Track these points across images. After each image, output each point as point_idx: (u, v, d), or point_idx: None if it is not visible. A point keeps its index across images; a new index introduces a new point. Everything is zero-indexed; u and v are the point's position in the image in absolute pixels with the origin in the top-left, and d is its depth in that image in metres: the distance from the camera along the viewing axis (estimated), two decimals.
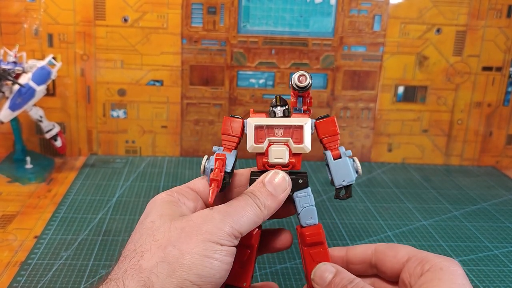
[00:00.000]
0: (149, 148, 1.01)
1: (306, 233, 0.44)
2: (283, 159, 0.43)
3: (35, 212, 0.76)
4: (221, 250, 0.38)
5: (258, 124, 0.43)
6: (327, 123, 0.44)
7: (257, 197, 0.41)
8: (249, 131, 0.44)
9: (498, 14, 0.99)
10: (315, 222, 0.44)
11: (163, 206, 0.41)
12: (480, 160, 1.06)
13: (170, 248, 0.37)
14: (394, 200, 0.86)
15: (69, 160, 0.96)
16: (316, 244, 0.44)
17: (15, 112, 0.83)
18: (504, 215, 0.83)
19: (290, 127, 0.43)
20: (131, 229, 0.72)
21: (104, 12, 0.93)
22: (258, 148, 0.43)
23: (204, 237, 0.38)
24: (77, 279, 0.60)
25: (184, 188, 0.45)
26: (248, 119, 0.44)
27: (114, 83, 0.96)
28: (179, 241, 0.38)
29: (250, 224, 0.40)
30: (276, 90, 0.99)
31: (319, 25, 0.96)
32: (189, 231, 0.38)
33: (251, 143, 0.43)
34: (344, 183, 0.44)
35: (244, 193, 0.42)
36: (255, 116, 0.44)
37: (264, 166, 0.44)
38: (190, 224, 0.39)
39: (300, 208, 0.44)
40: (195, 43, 0.96)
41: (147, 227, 0.40)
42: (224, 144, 0.44)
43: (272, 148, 0.43)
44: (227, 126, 0.44)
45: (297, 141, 0.43)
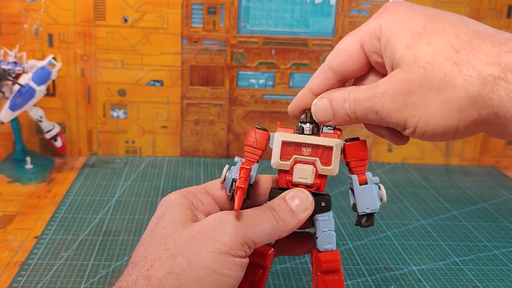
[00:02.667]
0: (149, 148, 1.01)
1: (322, 259, 0.42)
2: (308, 180, 0.41)
3: (35, 212, 0.76)
4: (232, 264, 0.36)
5: (286, 140, 0.41)
6: (357, 146, 0.42)
7: (276, 210, 0.40)
8: (275, 146, 0.41)
9: (498, 14, 0.99)
10: (333, 247, 0.42)
11: (176, 210, 0.40)
12: (480, 160, 1.06)
13: (179, 258, 0.36)
14: (394, 200, 0.86)
15: (69, 160, 0.96)
16: (331, 271, 0.42)
17: (15, 112, 0.83)
18: (504, 215, 0.83)
19: (319, 147, 0.41)
20: (131, 229, 0.72)
21: (104, 12, 0.93)
22: (283, 165, 0.41)
23: (215, 247, 0.36)
24: (77, 279, 0.60)
25: (201, 190, 0.43)
26: (276, 134, 0.42)
27: (114, 83, 0.96)
28: (189, 251, 0.36)
29: (265, 236, 0.38)
30: (276, 90, 0.99)
31: (319, 25, 0.96)
32: (200, 239, 0.37)
33: (276, 159, 0.41)
34: (367, 211, 0.42)
35: (263, 205, 0.40)
36: (283, 131, 0.42)
37: (286, 184, 0.42)
38: (201, 230, 0.37)
39: (319, 232, 0.42)
40: (195, 43, 0.96)
41: (159, 233, 0.38)
42: (247, 156, 0.42)
43: (297, 167, 0.41)
44: (252, 137, 0.42)
45: (325, 162, 0.41)
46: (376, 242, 0.72)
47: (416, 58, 0.36)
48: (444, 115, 0.35)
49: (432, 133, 0.36)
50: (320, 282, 0.43)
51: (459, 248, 0.72)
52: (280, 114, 1.00)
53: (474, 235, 0.76)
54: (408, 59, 0.36)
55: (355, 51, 0.40)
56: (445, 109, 0.35)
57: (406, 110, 0.36)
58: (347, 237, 0.72)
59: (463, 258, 0.69)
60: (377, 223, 0.77)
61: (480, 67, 0.33)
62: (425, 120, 0.36)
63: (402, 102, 0.36)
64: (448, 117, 0.35)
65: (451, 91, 0.34)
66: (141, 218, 0.75)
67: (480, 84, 0.33)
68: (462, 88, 0.34)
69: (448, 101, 0.34)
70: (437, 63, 0.35)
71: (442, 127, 0.35)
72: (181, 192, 0.42)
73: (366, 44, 0.40)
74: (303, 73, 0.99)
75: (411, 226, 0.77)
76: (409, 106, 0.36)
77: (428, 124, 0.36)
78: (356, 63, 0.41)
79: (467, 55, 0.34)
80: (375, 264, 0.66)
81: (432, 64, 0.35)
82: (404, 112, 0.36)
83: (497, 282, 0.64)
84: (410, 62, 0.36)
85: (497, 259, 0.69)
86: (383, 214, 0.80)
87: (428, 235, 0.75)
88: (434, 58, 0.35)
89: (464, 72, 0.34)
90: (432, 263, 0.67)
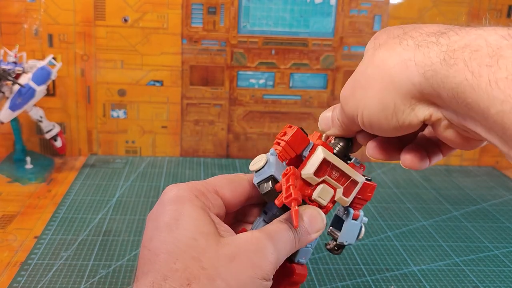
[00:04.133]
0: (149, 148, 1.01)
1: (296, 270, 0.43)
2: (325, 202, 0.42)
3: (35, 212, 0.76)
4: (264, 287, 0.36)
5: (328, 160, 0.41)
6: (368, 187, 0.44)
7: (296, 231, 0.40)
8: (315, 160, 0.41)
9: (498, 14, 0.99)
10: (304, 262, 0.44)
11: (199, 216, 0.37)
12: (480, 160, 1.06)
13: (218, 282, 0.35)
14: (394, 200, 0.86)
15: (69, 160, 0.96)
16: (298, 283, 0.44)
17: (15, 112, 0.83)
18: (504, 215, 0.83)
19: (348, 177, 0.42)
20: (131, 229, 0.72)
21: (104, 12, 0.93)
22: (313, 180, 0.41)
23: (254, 272, 0.36)
24: (77, 279, 0.60)
25: (210, 190, 0.41)
26: (320, 148, 0.41)
27: (114, 83, 0.96)
28: (229, 274, 0.35)
29: (285, 257, 0.39)
30: (276, 90, 0.99)
31: (319, 25, 0.96)
32: (239, 262, 0.36)
33: (310, 171, 0.41)
34: (345, 243, 0.45)
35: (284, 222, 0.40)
36: (325, 146, 0.42)
37: (303, 196, 0.42)
38: (239, 252, 0.36)
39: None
40: (195, 43, 0.96)
41: (189, 244, 0.35)
42: (282, 153, 0.41)
43: (322, 186, 0.42)
44: (296, 139, 0.41)
45: (346, 193, 0.43)
46: (377, 242, 0.72)
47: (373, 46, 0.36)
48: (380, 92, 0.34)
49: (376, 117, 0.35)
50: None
51: (460, 248, 0.71)
52: (280, 114, 1.00)
53: (475, 236, 0.75)
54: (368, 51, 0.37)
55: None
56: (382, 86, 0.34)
57: (356, 94, 0.36)
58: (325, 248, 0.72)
59: (464, 258, 0.69)
60: (378, 223, 0.77)
61: (420, 38, 0.33)
62: (366, 102, 0.35)
63: (353, 86, 0.36)
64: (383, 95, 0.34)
65: (388, 63, 0.33)
66: (141, 218, 0.75)
67: (414, 49, 0.32)
68: (396, 56, 0.33)
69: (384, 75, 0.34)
70: (386, 44, 0.35)
71: (380, 106, 0.34)
72: (191, 189, 0.39)
73: None
74: (303, 73, 0.99)
75: (411, 227, 0.77)
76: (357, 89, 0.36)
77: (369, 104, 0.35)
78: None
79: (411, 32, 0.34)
80: (376, 264, 0.66)
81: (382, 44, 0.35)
82: (354, 97, 0.36)
83: (498, 282, 0.64)
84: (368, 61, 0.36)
85: (498, 260, 0.69)
86: (384, 214, 0.80)
87: (429, 236, 0.75)
88: (385, 41, 0.35)
89: (404, 43, 0.33)
90: (433, 264, 0.67)
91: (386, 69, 0.33)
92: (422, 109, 0.33)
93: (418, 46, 0.32)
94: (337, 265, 0.65)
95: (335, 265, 0.65)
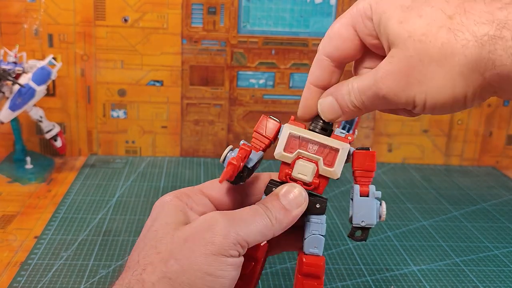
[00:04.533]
0: (149, 148, 1.01)
1: (305, 261, 0.41)
2: (307, 177, 0.40)
3: (35, 212, 0.76)
4: (225, 264, 0.36)
5: (294, 133, 0.41)
6: (366, 156, 0.41)
7: (269, 209, 0.39)
8: (282, 137, 0.41)
9: None
10: (319, 253, 0.41)
11: (169, 213, 0.39)
12: (480, 160, 1.06)
13: (171, 262, 0.36)
14: (394, 200, 0.86)
15: (69, 160, 0.96)
16: (312, 276, 0.41)
17: (15, 112, 0.83)
18: (504, 215, 0.83)
19: (325, 146, 0.40)
20: (131, 229, 0.72)
21: (104, 12, 0.93)
22: (286, 157, 0.41)
23: (207, 248, 0.36)
24: (77, 279, 0.60)
25: (196, 192, 0.42)
26: (286, 124, 0.41)
27: (114, 83, 0.96)
28: (181, 254, 0.36)
29: (258, 236, 0.38)
30: (276, 90, 0.99)
31: (319, 25, 0.96)
32: (191, 241, 0.36)
33: (280, 150, 0.41)
34: (362, 224, 0.41)
35: (256, 204, 0.40)
36: (294, 124, 0.41)
37: (285, 177, 0.41)
38: (192, 232, 0.37)
39: (308, 233, 0.41)
40: (195, 43, 0.96)
41: (151, 236, 0.38)
42: (254, 142, 0.42)
43: (298, 162, 0.40)
44: (262, 125, 0.42)
45: (328, 163, 0.40)
46: (377, 242, 0.72)
47: (410, 33, 0.34)
48: (450, 84, 0.34)
49: (442, 105, 0.35)
50: (299, 284, 0.42)
51: (460, 248, 0.72)
52: (280, 114, 1.00)
53: (475, 236, 0.75)
54: (402, 35, 0.35)
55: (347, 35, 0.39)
56: (450, 79, 0.34)
57: (412, 88, 0.35)
58: (347, 237, 0.72)
59: (464, 258, 0.69)
60: (378, 223, 0.77)
61: (475, 28, 0.32)
62: (432, 95, 0.35)
63: (405, 81, 0.35)
64: (454, 86, 0.34)
65: (451, 59, 0.33)
66: (141, 218, 0.75)
67: (477, 46, 0.32)
68: (461, 55, 0.33)
69: (451, 70, 0.33)
70: (432, 34, 0.34)
71: (450, 98, 0.34)
72: (175, 193, 0.41)
73: (359, 26, 0.38)
74: (303, 73, 0.99)
75: (411, 227, 0.77)
76: (413, 84, 0.35)
77: (436, 97, 0.35)
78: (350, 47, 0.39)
79: (461, 19, 0.33)
80: (376, 264, 0.66)
81: (427, 35, 0.34)
82: (410, 90, 0.35)
83: (498, 282, 0.64)
84: (405, 38, 0.35)
85: (498, 260, 0.69)
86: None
87: (429, 236, 0.75)
88: (428, 29, 0.34)
89: (460, 37, 0.33)
90: (433, 264, 0.67)
91: (453, 65, 0.33)
92: (487, 92, 0.34)
93: (482, 45, 0.32)
94: (337, 265, 0.65)
95: (335, 265, 0.65)
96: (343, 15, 0.39)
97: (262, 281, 0.61)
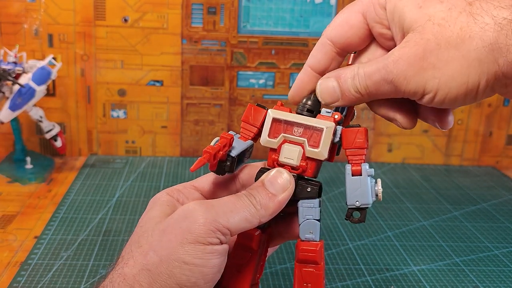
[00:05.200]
0: (149, 148, 1.01)
1: (300, 247, 0.40)
2: (294, 161, 0.39)
3: (35, 212, 0.76)
4: (203, 252, 0.35)
5: (277, 118, 0.40)
6: (355, 133, 0.39)
7: (252, 195, 0.38)
8: (266, 123, 0.40)
9: None
10: (316, 238, 0.40)
11: (156, 207, 0.39)
12: (480, 160, 1.06)
13: (150, 254, 0.36)
14: (394, 200, 0.86)
15: (69, 160, 0.96)
16: (309, 262, 0.40)
17: (15, 112, 0.83)
18: (504, 215, 0.83)
19: (310, 128, 0.39)
20: (131, 229, 0.72)
21: (104, 12, 0.93)
22: (271, 143, 0.40)
23: (183, 237, 0.35)
24: (77, 279, 0.60)
25: (188, 186, 0.42)
26: (269, 110, 0.40)
27: (114, 83, 0.96)
28: (159, 246, 0.36)
29: (242, 222, 0.37)
30: (276, 90, 0.99)
31: (319, 25, 0.96)
32: (169, 231, 0.36)
33: (264, 136, 0.40)
34: (357, 204, 0.39)
35: (241, 192, 0.39)
36: (278, 109, 0.40)
37: (273, 163, 0.40)
38: (170, 223, 0.37)
39: (302, 219, 0.40)
40: (195, 43, 0.96)
41: (136, 232, 0.38)
42: (242, 132, 0.41)
43: (284, 146, 0.40)
44: (249, 113, 0.41)
45: (314, 144, 0.39)
46: (377, 242, 0.72)
47: (430, 17, 0.34)
48: (465, 71, 0.33)
49: (454, 95, 0.34)
50: (297, 271, 0.40)
51: (460, 248, 0.71)
52: None
53: (475, 236, 0.75)
54: (421, 19, 0.34)
55: (356, 22, 0.38)
56: (465, 65, 0.33)
57: (425, 73, 0.34)
58: (347, 237, 0.72)
59: (464, 258, 0.69)
60: (378, 223, 0.77)
61: (495, 12, 0.32)
62: (445, 82, 0.34)
63: (419, 65, 0.34)
64: (469, 73, 0.33)
65: (469, 43, 0.33)
66: None
67: (496, 30, 0.32)
68: (478, 38, 0.32)
69: (467, 55, 0.33)
70: (452, 18, 0.33)
71: (464, 86, 0.33)
72: (167, 190, 0.41)
73: (369, 14, 0.38)
74: None
75: (411, 227, 0.77)
76: (427, 69, 0.34)
77: (450, 85, 0.34)
78: (357, 34, 0.39)
79: (480, 4, 0.33)
80: (376, 264, 0.66)
81: (447, 20, 0.33)
82: (422, 75, 0.34)
83: (498, 282, 0.64)
84: (424, 21, 0.34)
85: (498, 260, 0.69)
86: (384, 214, 0.80)
87: (429, 236, 0.75)
88: (448, 14, 0.33)
89: (480, 20, 0.32)
90: (433, 264, 0.67)
91: (470, 50, 0.33)
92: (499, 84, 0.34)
93: (500, 28, 0.32)
94: (337, 265, 0.65)
95: (335, 265, 0.65)
96: (353, 3, 0.39)
97: (262, 281, 0.61)
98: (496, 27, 0.32)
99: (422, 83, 0.34)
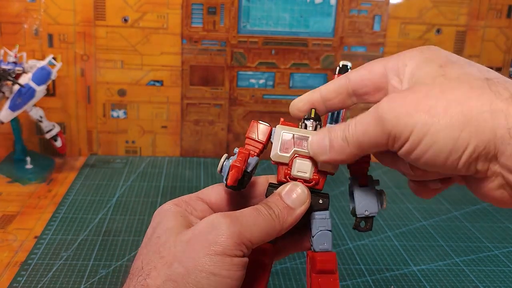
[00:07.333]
0: (149, 148, 1.01)
1: (318, 258, 0.41)
2: (307, 174, 0.40)
3: (35, 212, 0.76)
4: (230, 264, 0.35)
5: (287, 133, 0.41)
6: None
7: (271, 208, 0.39)
8: (275, 138, 0.41)
9: (498, 14, 0.99)
10: (329, 248, 0.41)
11: (170, 218, 0.39)
12: None
13: (175, 265, 0.35)
14: (395, 200, 0.86)
15: (69, 160, 0.96)
16: (326, 272, 0.41)
17: (15, 112, 0.83)
18: (504, 215, 0.83)
19: None
20: (131, 229, 0.72)
21: (104, 12, 0.93)
22: (283, 158, 0.41)
23: (210, 249, 0.35)
24: (77, 279, 0.60)
25: (194, 198, 0.42)
26: (277, 126, 0.41)
27: (114, 83, 0.96)
28: (185, 256, 0.36)
29: (263, 235, 0.38)
30: (276, 90, 0.99)
31: (319, 25, 0.96)
32: (194, 243, 0.36)
33: (275, 151, 0.41)
34: (366, 213, 0.41)
35: (258, 204, 0.39)
36: (285, 125, 0.41)
37: (285, 177, 0.41)
38: (195, 234, 0.37)
39: (315, 230, 0.41)
40: (195, 43, 0.96)
41: (154, 242, 0.38)
42: (247, 148, 0.42)
43: (297, 160, 0.40)
44: (253, 130, 0.42)
45: None
46: (377, 242, 0.72)
47: (445, 73, 0.34)
48: (460, 126, 0.32)
49: (438, 151, 0.32)
50: (314, 282, 0.41)
51: (460, 248, 0.71)
52: (281, 114, 1.00)
53: (475, 236, 0.75)
54: (436, 73, 0.34)
55: (377, 69, 0.39)
56: (462, 120, 0.32)
57: (417, 115, 0.33)
58: (347, 237, 0.72)
59: (464, 258, 0.69)
60: (378, 223, 0.77)
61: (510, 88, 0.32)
62: (435, 131, 0.32)
63: (415, 106, 0.33)
64: (463, 129, 0.32)
65: (474, 103, 0.32)
66: (141, 218, 0.75)
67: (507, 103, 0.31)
68: (487, 100, 0.31)
69: (468, 113, 0.32)
70: (466, 78, 0.33)
71: (451, 142, 0.32)
72: (174, 201, 0.42)
73: (390, 64, 0.38)
74: (303, 73, 0.99)
75: (412, 227, 0.77)
76: (421, 112, 0.33)
77: (438, 135, 0.32)
78: (372, 80, 0.39)
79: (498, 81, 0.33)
80: (376, 264, 0.66)
81: (461, 79, 0.33)
82: (413, 117, 0.33)
83: (498, 282, 0.64)
84: (437, 75, 0.34)
85: (498, 260, 0.69)
86: (384, 214, 0.80)
87: (429, 236, 0.75)
88: (465, 76, 0.33)
89: (494, 88, 0.32)
90: (433, 264, 0.67)
91: (471, 111, 0.32)
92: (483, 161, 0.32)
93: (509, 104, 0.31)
94: (337, 265, 0.65)
95: None
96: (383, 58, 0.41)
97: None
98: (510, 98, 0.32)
99: (410, 125, 0.33)
